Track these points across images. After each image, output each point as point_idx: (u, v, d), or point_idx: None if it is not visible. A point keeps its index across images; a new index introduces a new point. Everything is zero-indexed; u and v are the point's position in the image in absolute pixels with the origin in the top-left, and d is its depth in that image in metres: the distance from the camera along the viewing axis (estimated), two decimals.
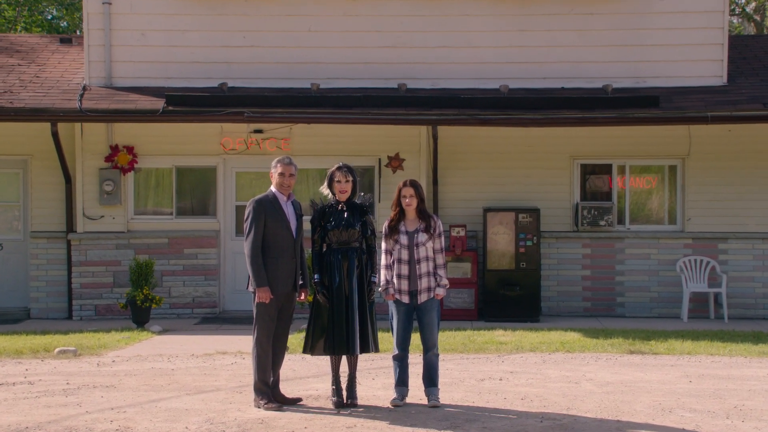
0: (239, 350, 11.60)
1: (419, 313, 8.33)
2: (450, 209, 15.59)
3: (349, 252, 8.28)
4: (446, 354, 11.18)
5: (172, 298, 15.38)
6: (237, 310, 15.53)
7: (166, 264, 15.38)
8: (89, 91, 15.23)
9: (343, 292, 8.20)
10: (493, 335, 12.69)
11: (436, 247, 8.35)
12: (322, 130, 15.36)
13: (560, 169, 15.61)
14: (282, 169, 8.33)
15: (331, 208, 8.38)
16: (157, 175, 15.73)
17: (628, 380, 9.57)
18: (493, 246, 14.97)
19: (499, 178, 15.60)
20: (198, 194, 15.83)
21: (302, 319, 13.66)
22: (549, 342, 12.04)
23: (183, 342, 12.58)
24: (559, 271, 15.52)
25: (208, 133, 15.46)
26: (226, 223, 15.66)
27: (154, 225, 15.54)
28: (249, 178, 15.89)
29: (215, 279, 15.49)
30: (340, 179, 8.34)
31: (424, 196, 8.44)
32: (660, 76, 15.36)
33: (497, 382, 9.44)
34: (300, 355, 10.83)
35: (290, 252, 8.26)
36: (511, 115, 14.56)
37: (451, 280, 14.41)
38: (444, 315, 14.10)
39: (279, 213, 8.25)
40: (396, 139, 15.40)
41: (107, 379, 9.66)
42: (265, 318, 8.19)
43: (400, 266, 8.30)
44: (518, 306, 14.80)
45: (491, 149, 15.64)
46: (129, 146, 15.37)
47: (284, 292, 8.25)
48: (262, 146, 15.47)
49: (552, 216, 15.49)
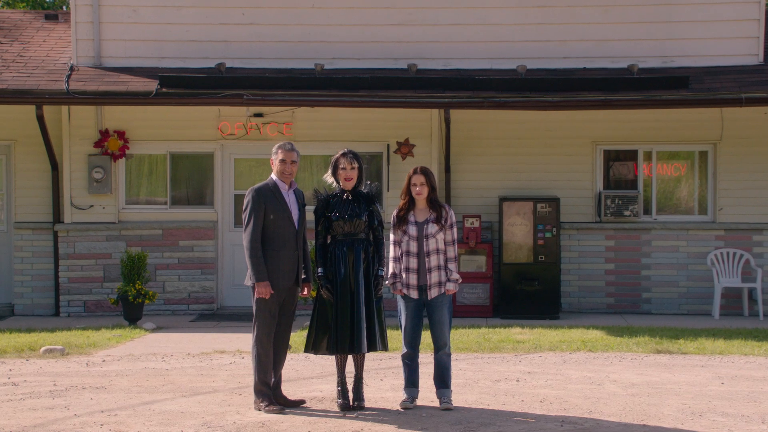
0: (238, 349, 11.62)
1: (429, 309, 8.33)
2: (463, 198, 15.58)
3: (354, 244, 8.29)
4: (459, 353, 11.19)
5: (167, 293, 15.42)
6: (236, 307, 15.56)
7: (160, 257, 15.41)
8: (77, 72, 15.24)
9: (349, 287, 8.21)
10: (510, 333, 12.70)
11: (448, 239, 8.34)
12: (327, 114, 15.35)
13: (582, 155, 15.58)
14: (283, 156, 8.33)
15: (336, 198, 8.38)
16: (150, 162, 15.75)
17: (655, 382, 9.56)
18: (509, 238, 14.96)
19: (515, 165, 15.58)
20: (194, 182, 15.84)
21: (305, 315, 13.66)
22: (569, 340, 12.04)
23: (178, 340, 12.61)
24: (581, 265, 15.50)
25: (204, 117, 15.47)
26: (224, 213, 15.68)
27: (147, 215, 15.56)
28: (248, 165, 15.89)
29: (212, 273, 15.52)
30: (345, 166, 8.34)
31: (436, 185, 8.44)
32: (690, 54, 15.30)
33: (514, 384, 9.44)
34: (303, 354, 10.84)
35: (292, 244, 8.26)
36: (529, 98, 14.53)
37: (465, 274, 14.41)
38: (457, 311, 14.12)
39: (280, 202, 8.25)
40: (405, 123, 15.39)
41: (97, 380, 9.69)
42: (266, 315, 8.20)
43: (409, 259, 8.30)
44: (536, 302, 14.79)
45: (507, 134, 15.61)
46: (120, 131, 15.39)
47: (286, 287, 8.26)
48: (263, 131, 15.47)
49: (573, 206, 15.47)
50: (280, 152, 8.34)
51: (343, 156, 8.35)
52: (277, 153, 8.35)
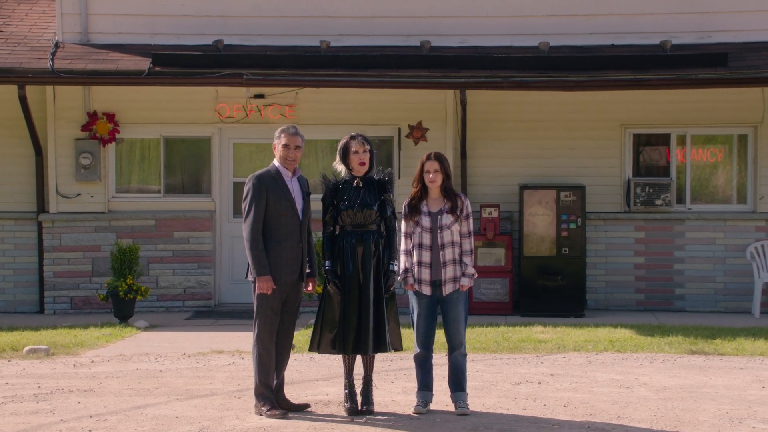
0: (237, 349, 11.65)
1: (443, 306, 8.34)
2: (480, 186, 15.57)
3: (364, 236, 8.29)
4: (476, 354, 11.20)
5: (160, 288, 15.45)
6: (235, 303, 15.59)
7: (153, 249, 15.44)
8: (62, 49, 15.25)
9: (357, 282, 8.22)
10: (531, 332, 12.70)
11: (464, 231, 8.34)
12: (333, 96, 15.34)
13: (610, 139, 15.54)
14: (287, 140, 8.33)
15: (346, 185, 8.37)
16: (142, 147, 15.76)
17: (690, 385, 9.55)
18: (530, 229, 14.95)
19: (537, 150, 15.56)
20: (190, 169, 15.86)
21: (310, 313, 13.69)
22: (596, 340, 12.03)
23: (173, 339, 12.64)
24: (608, 259, 15.49)
25: (201, 98, 15.47)
26: (222, 202, 15.70)
27: (139, 204, 15.59)
28: (248, 151, 15.90)
29: (210, 267, 15.54)
30: (357, 149, 8.33)
31: (451, 172, 8.43)
32: (728, 29, 15.23)
33: (535, 387, 9.45)
34: (307, 354, 10.86)
35: (296, 236, 8.27)
36: (553, 77, 14.50)
37: (482, 268, 14.41)
38: (473, 309, 14.12)
39: (283, 190, 8.26)
40: (418, 105, 15.37)
41: (85, 383, 9.72)
42: (268, 312, 8.21)
43: (421, 252, 8.30)
44: (560, 298, 14.79)
45: (529, 117, 15.59)
46: (109, 113, 15.41)
47: (289, 282, 8.27)
48: (264, 114, 15.48)
49: (599, 194, 15.45)
50: (283, 136, 8.34)
51: (353, 139, 8.33)
52: (280, 137, 8.35)
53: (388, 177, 8.46)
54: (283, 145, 8.32)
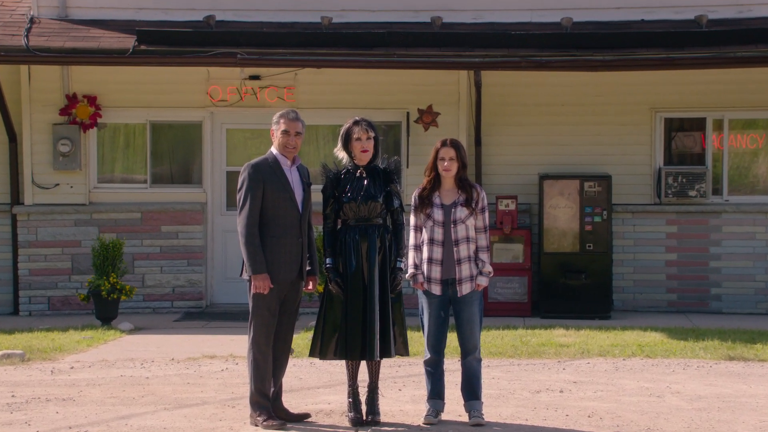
0: (231, 354, 11.67)
1: (456, 307, 8.34)
2: (496, 176, 15.57)
3: (369, 230, 8.29)
4: (492, 359, 11.21)
5: (147, 288, 15.47)
6: (228, 304, 15.61)
7: (139, 245, 15.46)
8: (38, 25, 15.23)
9: (361, 281, 8.22)
10: (552, 335, 12.71)
11: (479, 225, 8.34)
12: (335, 77, 15.33)
13: (638, 124, 15.54)
14: (287, 126, 8.32)
15: (348, 175, 8.37)
16: (126, 133, 15.78)
17: (727, 394, 9.55)
18: (551, 223, 14.95)
19: (559, 136, 15.55)
20: (179, 157, 15.87)
21: (310, 314, 13.70)
22: (623, 344, 12.04)
23: (160, 343, 12.66)
24: (636, 255, 15.49)
25: (191, 79, 15.47)
26: (214, 193, 15.71)
27: (124, 196, 15.60)
28: (243, 137, 15.91)
29: (201, 264, 15.56)
30: (359, 136, 8.33)
31: (467, 161, 8.42)
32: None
33: (557, 395, 9.46)
34: (308, 359, 10.87)
35: (295, 230, 8.27)
36: (576, 57, 14.49)
37: (498, 265, 14.40)
38: (489, 309, 14.12)
39: (281, 180, 8.26)
40: (428, 87, 15.36)
41: (64, 391, 9.74)
42: (264, 313, 8.22)
43: (433, 248, 8.30)
44: (583, 299, 14.80)
45: (550, 100, 15.58)
46: (91, 96, 15.41)
47: (288, 281, 8.27)
48: (260, 96, 15.48)
49: (627, 184, 15.44)
50: (282, 122, 8.33)
51: (356, 124, 8.33)
52: (279, 122, 8.34)
53: (394, 165, 8.45)
54: (282, 132, 8.32)
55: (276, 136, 8.33)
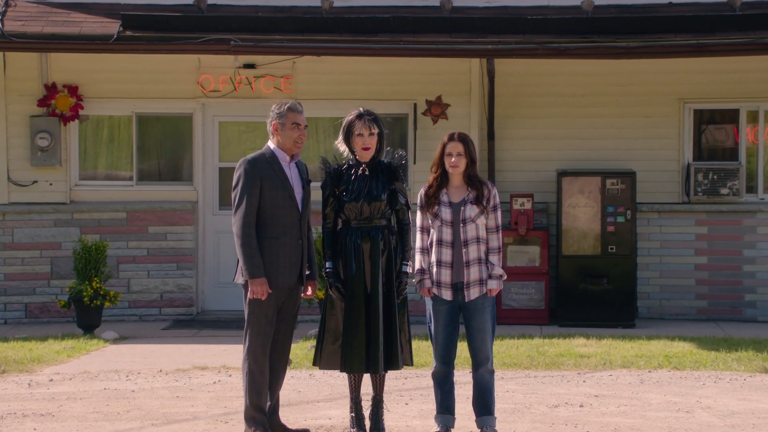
0: (224, 365, 11.69)
1: (467, 314, 8.34)
2: (511, 173, 15.57)
3: (372, 231, 8.31)
4: (506, 370, 11.22)
5: (133, 293, 15.48)
6: (221, 311, 15.62)
7: (125, 247, 15.46)
8: (13, 8, 15.22)
9: (364, 286, 8.23)
10: (571, 345, 12.72)
11: (491, 225, 8.34)
12: (337, 66, 15.34)
13: (665, 116, 15.53)
14: (296, 118, 8.25)
15: (350, 171, 8.39)
16: (110, 126, 15.79)
17: (763, 410, 9.54)
18: (570, 223, 14.95)
19: (579, 130, 15.56)
20: (167, 152, 15.89)
21: (309, 322, 13.73)
22: (649, 355, 12.04)
23: (147, 353, 12.69)
24: (663, 258, 15.49)
25: (181, 68, 15.49)
26: (206, 191, 15.72)
27: (108, 194, 15.61)
28: (237, 130, 15.92)
29: (191, 268, 15.57)
30: (362, 131, 8.34)
31: (476, 156, 8.42)
32: None
33: (577, 410, 9.47)
34: (307, 370, 10.89)
35: (295, 230, 8.28)
36: (598, 43, 14.49)
37: (513, 269, 14.42)
38: (502, 317, 14.14)
39: (280, 177, 8.26)
40: (437, 77, 15.37)
41: (42, 405, 9.75)
42: (261, 320, 8.23)
43: (441, 250, 8.30)
44: (605, 305, 14.79)
45: (569, 90, 15.58)
46: (71, 85, 15.43)
47: (287, 285, 8.28)
48: (255, 87, 15.49)
49: (653, 182, 15.44)
50: (290, 114, 8.25)
51: (359, 118, 8.34)
52: (287, 115, 8.26)
53: (399, 161, 8.46)
54: (293, 124, 8.27)
55: (280, 130, 8.27)
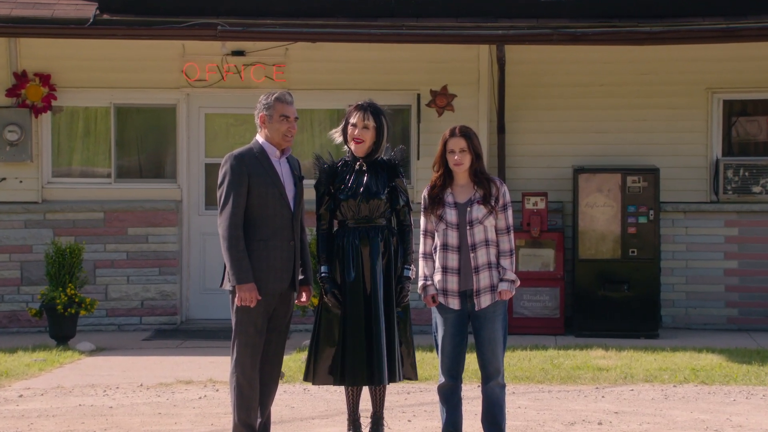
0: (210, 378, 11.70)
1: (476, 323, 8.35)
2: (523, 170, 15.58)
3: (370, 233, 8.33)
4: (518, 384, 11.24)
5: (111, 301, 15.48)
6: (207, 320, 15.64)
7: (102, 250, 15.46)
8: None
9: (362, 293, 8.25)
10: (589, 357, 12.73)
11: (501, 226, 8.35)
12: (333, 53, 15.34)
13: (692, 108, 15.54)
14: (285, 110, 8.26)
15: (346, 167, 8.41)
16: (86, 118, 15.80)
17: None
18: (587, 224, 14.96)
19: (597, 122, 15.56)
20: (149, 147, 15.88)
21: (304, 331, 13.74)
22: (674, 368, 12.05)
23: (127, 366, 12.70)
24: (689, 262, 15.49)
25: (163, 55, 15.49)
26: (190, 189, 15.72)
27: (84, 192, 15.61)
28: (224, 123, 15.93)
29: (175, 273, 15.58)
30: (355, 122, 8.37)
31: (482, 151, 8.40)
32: None
33: (595, 428, 9.49)
34: (301, 384, 10.91)
35: (286, 232, 8.29)
36: (618, 27, 14.49)
37: (525, 274, 14.43)
38: (514, 326, 14.13)
39: (269, 174, 8.26)
40: (443, 65, 15.38)
41: (11, 423, 9.75)
42: (250, 330, 8.25)
43: (447, 255, 8.30)
44: (626, 314, 14.79)
45: (586, 80, 15.59)
46: (43, 74, 15.44)
47: (277, 292, 8.29)
48: (245, 76, 15.49)
49: (678, 179, 15.45)
50: (278, 105, 8.28)
51: (357, 108, 8.36)
52: (275, 106, 8.29)
53: (400, 156, 8.48)
54: (281, 116, 8.29)
55: (268, 123, 8.29)
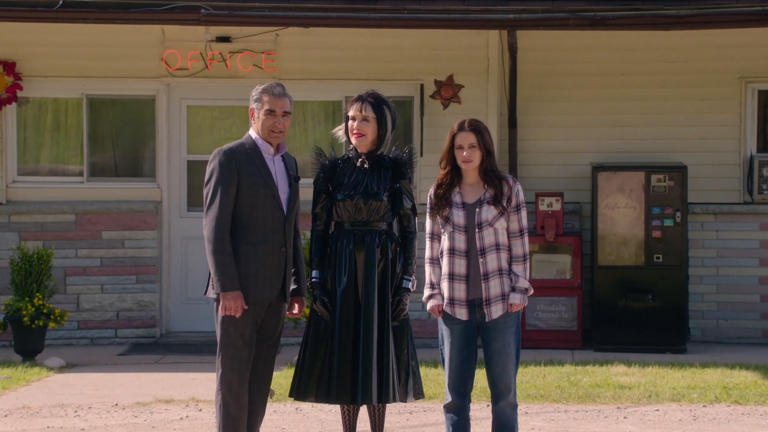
0: (193, 397, 11.72)
1: (486, 336, 8.37)
2: (536, 167, 15.61)
3: (367, 237, 8.38)
4: (531, 403, 11.27)
5: (83, 312, 15.47)
6: (190, 332, 15.65)
7: (73, 256, 15.47)
8: None
9: (353, 302, 8.29)
10: (609, 374, 12.75)
11: (513, 229, 8.38)
12: (329, 39, 15.36)
13: (723, 99, 15.55)
14: (272, 104, 8.33)
15: (347, 164, 8.45)
16: (56, 110, 15.81)
17: None
18: (607, 227, 14.97)
19: (618, 115, 15.59)
20: (125, 142, 15.89)
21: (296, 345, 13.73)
22: (704, 386, 12.05)
23: (100, 384, 12.72)
24: (721, 270, 15.50)
25: (141, 41, 15.50)
26: (171, 189, 15.73)
27: (53, 192, 15.62)
28: (209, 116, 15.94)
29: (154, 281, 15.59)
30: (354, 114, 8.41)
31: (493, 147, 8.45)
32: None
33: None
34: (292, 403, 10.95)
35: (278, 236, 8.32)
36: (641, 10, 14.52)
37: (539, 282, 14.45)
38: (527, 339, 14.17)
39: (261, 172, 8.29)
40: (449, 53, 15.41)
41: None
42: (237, 343, 8.27)
43: (454, 260, 8.32)
44: (650, 326, 14.80)
45: (606, 68, 15.62)
46: (8, 62, 15.44)
47: (267, 301, 8.33)
48: (231, 64, 15.50)
49: (708, 177, 15.45)
50: (266, 98, 8.34)
51: (357, 100, 8.40)
52: (262, 99, 8.35)
53: (407, 156, 8.50)
54: (266, 111, 8.34)
55: (257, 116, 8.36)
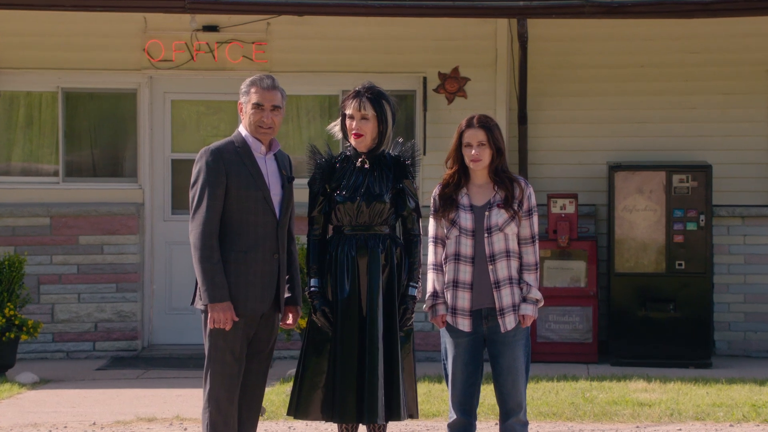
0: (177, 415, 11.73)
1: (494, 349, 8.39)
2: (548, 167, 15.64)
3: (370, 242, 8.38)
4: (543, 422, 11.29)
5: (59, 323, 15.49)
6: (175, 345, 15.67)
7: (48, 263, 15.48)
8: None
9: (356, 312, 8.30)
10: (627, 390, 12.76)
11: (525, 235, 8.40)
12: (324, 28, 15.38)
13: (751, 93, 15.57)
14: (260, 97, 8.35)
15: (345, 164, 8.47)
16: (29, 105, 15.83)
17: None
18: (625, 231, 14.98)
19: (636, 110, 15.61)
20: (104, 139, 15.91)
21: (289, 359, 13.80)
22: (730, 404, 12.05)
23: (77, 401, 12.72)
24: (748, 277, 15.52)
25: (121, 30, 15.52)
26: (154, 190, 15.74)
27: (25, 193, 15.64)
28: (195, 112, 15.96)
29: (136, 290, 15.59)
30: (352, 112, 8.42)
31: (504, 145, 8.48)
32: None
33: None
34: (285, 421, 10.97)
35: (270, 242, 8.33)
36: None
37: (551, 291, 14.48)
38: (538, 353, 14.20)
39: (252, 173, 8.30)
40: (454, 43, 15.44)
41: None
42: (226, 357, 8.29)
43: (459, 267, 8.34)
44: (672, 338, 14.81)
45: (624, 60, 15.64)
46: None
47: (258, 312, 8.32)
48: (218, 55, 15.52)
49: (734, 178, 15.48)
50: (254, 91, 8.35)
51: (355, 96, 8.39)
52: (249, 93, 8.36)
53: (411, 154, 8.52)
54: (254, 105, 8.35)
55: (246, 111, 8.37)
